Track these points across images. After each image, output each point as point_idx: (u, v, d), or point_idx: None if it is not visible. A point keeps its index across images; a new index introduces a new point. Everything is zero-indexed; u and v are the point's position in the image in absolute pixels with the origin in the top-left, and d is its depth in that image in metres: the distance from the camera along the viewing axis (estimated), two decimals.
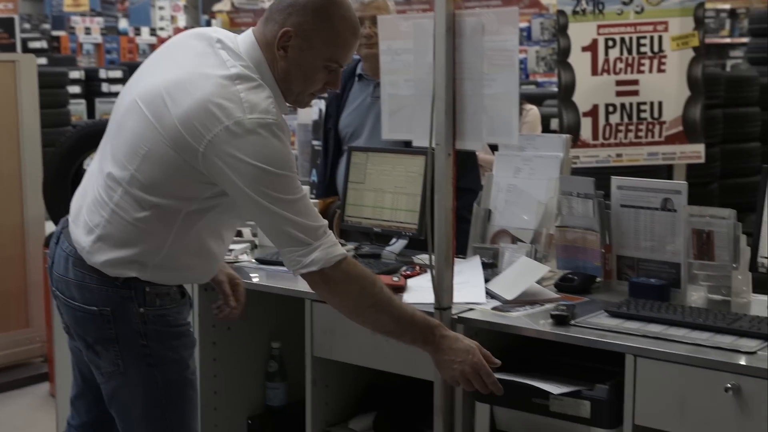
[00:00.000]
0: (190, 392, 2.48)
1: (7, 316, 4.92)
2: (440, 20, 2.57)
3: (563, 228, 2.94)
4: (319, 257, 2.27)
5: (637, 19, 5.00)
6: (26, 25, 14.66)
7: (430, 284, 2.63)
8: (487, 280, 2.84)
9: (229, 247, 2.64)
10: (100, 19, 15.59)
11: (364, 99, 3.82)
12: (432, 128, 2.60)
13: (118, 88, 8.81)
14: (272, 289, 3.00)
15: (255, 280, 3.07)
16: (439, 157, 2.60)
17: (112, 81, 11.53)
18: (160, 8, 17.37)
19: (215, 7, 22.36)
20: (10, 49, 10.06)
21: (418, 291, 2.82)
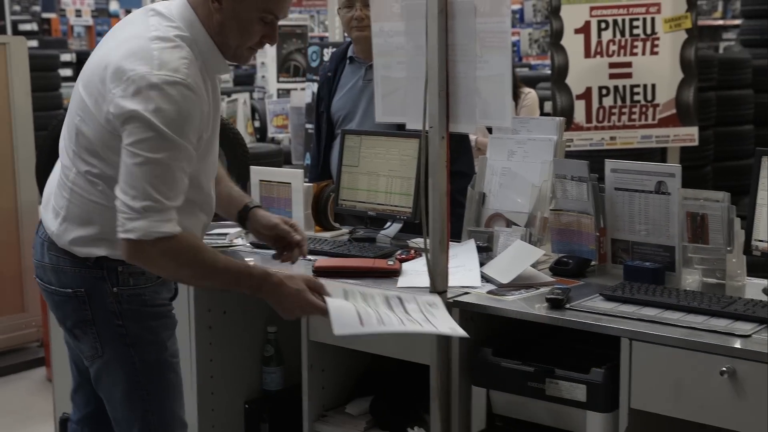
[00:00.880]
0: (170, 375, 2.47)
1: (3, 300, 4.91)
2: (432, 2, 2.56)
3: (557, 211, 2.94)
4: (139, 226, 2.19)
5: (629, 1, 4.99)
6: (16, 7, 14.55)
7: (425, 268, 2.63)
8: (482, 264, 2.84)
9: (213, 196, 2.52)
10: (90, 1, 15.50)
11: (356, 82, 3.81)
12: (425, 111, 2.59)
13: None
14: None
15: (250, 263, 3.07)
16: (432, 140, 2.60)
17: None
18: None
19: None
20: None
21: (413, 275, 2.82)
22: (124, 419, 2.45)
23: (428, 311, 2.44)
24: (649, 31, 4.96)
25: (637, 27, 4.98)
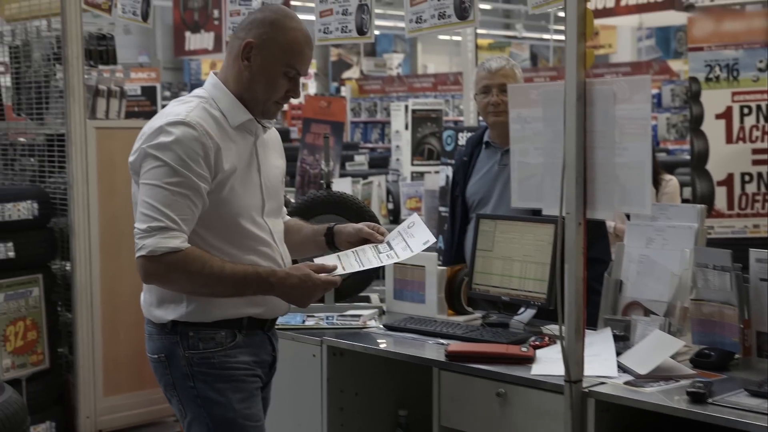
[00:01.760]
0: None
1: (142, 374, 5.06)
2: (571, 88, 2.56)
3: (699, 301, 2.85)
4: (147, 244, 2.43)
5: None
6: (167, 93, 15.31)
7: (559, 356, 2.58)
8: (618, 353, 2.77)
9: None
10: None
11: (492, 166, 3.82)
12: (562, 197, 2.58)
13: None
14: (400, 356, 3.00)
15: (382, 346, 3.08)
16: (569, 226, 2.57)
17: None
18: None
19: (344, 74, 22.95)
20: (152, 116, 10.49)
21: (547, 362, 2.77)
22: None
23: (407, 234, 2.79)
24: None
25: None
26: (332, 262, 2.69)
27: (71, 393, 4.85)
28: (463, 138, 6.64)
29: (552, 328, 3.05)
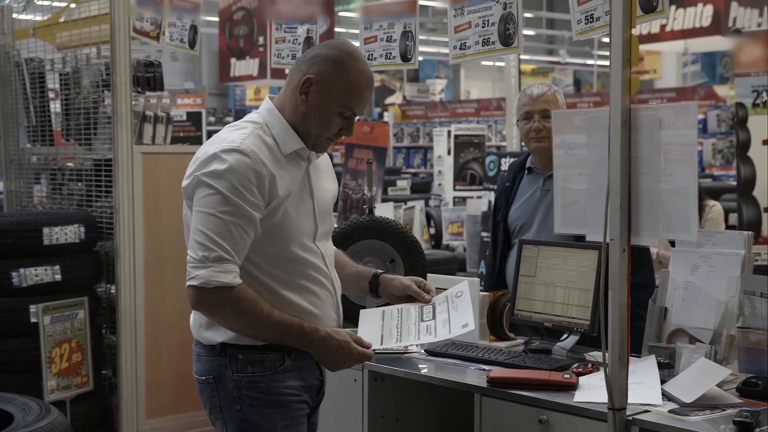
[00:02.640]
0: None
1: (184, 397, 5.09)
2: (615, 114, 2.55)
3: (745, 329, 2.81)
4: (201, 275, 2.44)
5: None
6: (211, 118, 15.49)
7: (603, 383, 2.56)
8: (663, 381, 2.74)
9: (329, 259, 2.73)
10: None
11: (534, 192, 3.82)
12: (606, 223, 2.56)
13: None
14: (441, 381, 2.99)
15: (424, 371, 3.07)
16: (613, 252, 2.56)
17: None
18: None
19: (387, 100, 23.04)
20: (197, 141, 10.67)
21: (590, 389, 2.75)
22: None
23: (453, 305, 2.76)
24: None
25: None
26: (376, 319, 2.75)
27: (114, 415, 4.90)
28: (505, 163, 6.64)
29: (595, 355, 3.02)
